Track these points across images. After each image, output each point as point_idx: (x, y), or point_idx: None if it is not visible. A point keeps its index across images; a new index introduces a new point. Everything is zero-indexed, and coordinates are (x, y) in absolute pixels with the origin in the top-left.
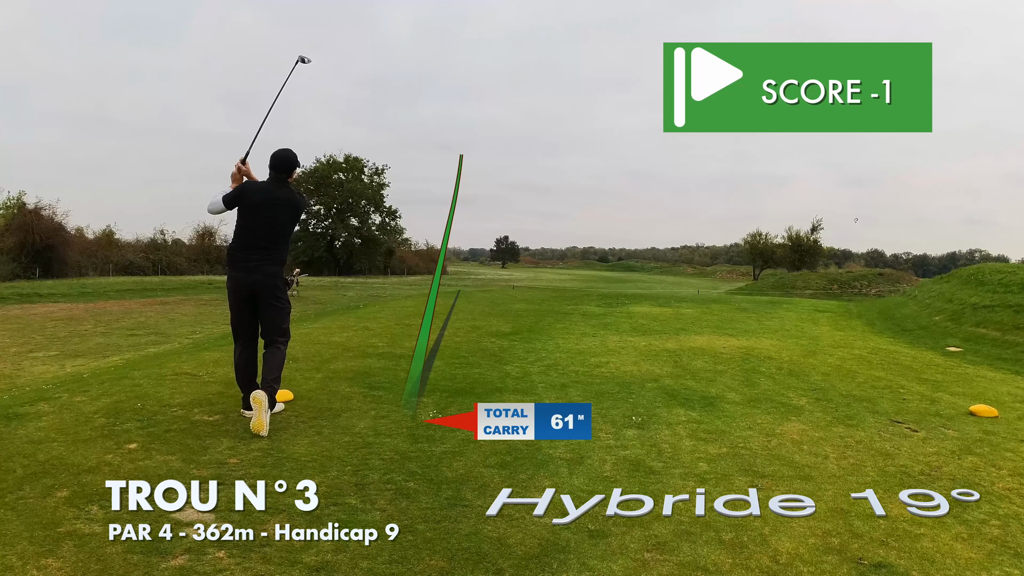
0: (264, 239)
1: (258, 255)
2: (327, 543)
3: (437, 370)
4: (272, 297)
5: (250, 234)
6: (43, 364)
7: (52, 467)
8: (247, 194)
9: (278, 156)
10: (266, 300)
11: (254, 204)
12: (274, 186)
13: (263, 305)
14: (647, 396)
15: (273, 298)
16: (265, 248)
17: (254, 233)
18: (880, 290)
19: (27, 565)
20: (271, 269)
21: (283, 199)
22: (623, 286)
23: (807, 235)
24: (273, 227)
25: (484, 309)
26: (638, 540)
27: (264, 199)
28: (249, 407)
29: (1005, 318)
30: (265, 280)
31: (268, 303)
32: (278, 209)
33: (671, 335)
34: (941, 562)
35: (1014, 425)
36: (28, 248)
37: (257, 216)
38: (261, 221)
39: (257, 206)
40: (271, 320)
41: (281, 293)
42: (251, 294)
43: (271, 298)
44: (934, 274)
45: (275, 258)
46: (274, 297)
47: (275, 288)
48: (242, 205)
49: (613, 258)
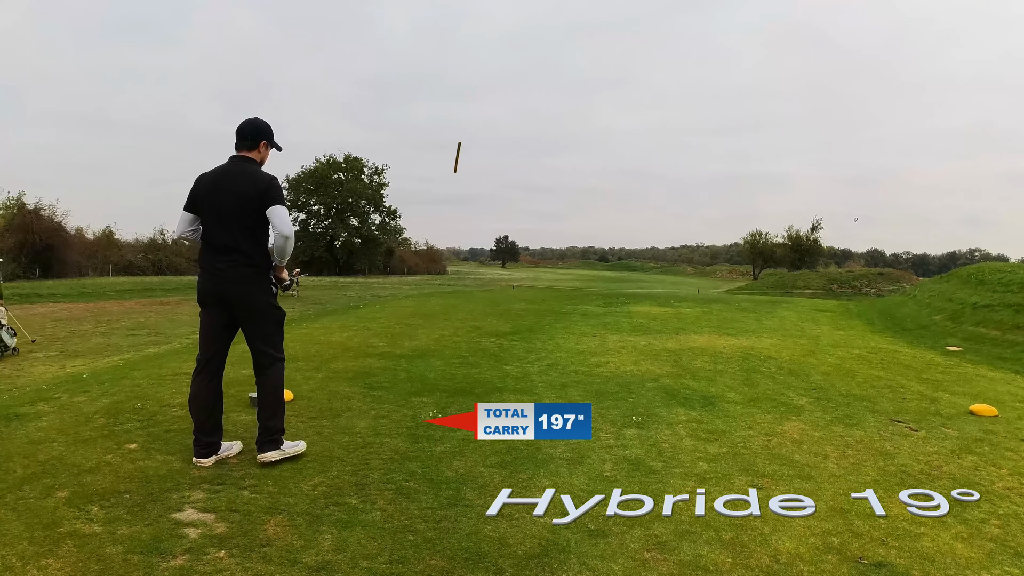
0: (221, 236)
1: (223, 257)
2: (327, 543)
3: (437, 370)
4: (246, 308)
5: (206, 231)
6: (43, 364)
7: (52, 467)
8: (196, 184)
9: (240, 124)
10: (241, 312)
11: (200, 194)
12: (225, 166)
13: (239, 319)
14: (647, 396)
15: (247, 309)
16: (226, 247)
17: (209, 230)
18: (880, 289)
19: (27, 565)
20: (241, 273)
21: (232, 178)
22: (623, 286)
23: (807, 234)
24: (222, 217)
25: (484, 309)
26: (638, 540)
27: (208, 183)
28: (202, 454)
29: (1005, 317)
30: (236, 286)
31: (244, 315)
32: (222, 194)
33: (671, 335)
34: (941, 561)
35: (1014, 424)
36: (28, 248)
37: (206, 208)
38: (208, 212)
39: (205, 195)
40: (250, 335)
41: (259, 300)
42: (220, 303)
43: (245, 310)
44: (934, 273)
45: (245, 259)
46: (249, 308)
47: (248, 295)
48: (197, 201)
49: (613, 258)
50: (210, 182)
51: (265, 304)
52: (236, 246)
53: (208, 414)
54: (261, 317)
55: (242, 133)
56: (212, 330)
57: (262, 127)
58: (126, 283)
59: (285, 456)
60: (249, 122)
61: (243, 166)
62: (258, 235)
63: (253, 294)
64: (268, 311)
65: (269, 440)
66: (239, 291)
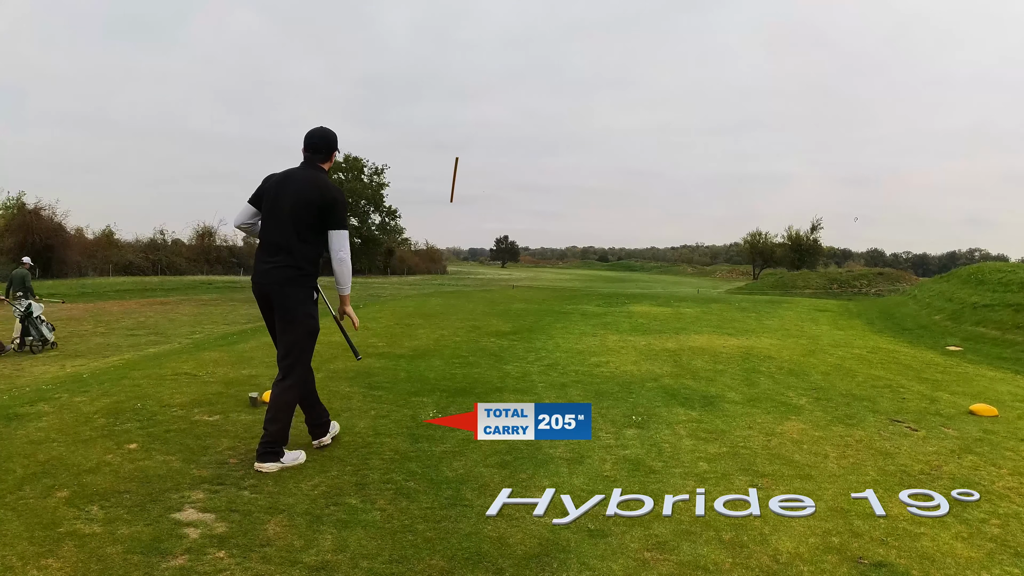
0: (274, 234)
1: (271, 257)
2: (327, 543)
3: (437, 370)
4: (282, 309)
5: (263, 228)
6: (43, 364)
7: (52, 467)
8: (264, 181)
9: (309, 132)
10: (278, 312)
11: (265, 190)
12: (295, 169)
13: (276, 318)
14: (647, 395)
15: (283, 310)
16: (277, 246)
17: (265, 227)
18: (880, 289)
19: (27, 565)
20: (284, 274)
21: (298, 182)
22: (623, 286)
23: (807, 234)
24: (279, 217)
25: (484, 309)
26: (638, 540)
27: (276, 182)
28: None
29: (1005, 317)
30: (277, 287)
31: (280, 316)
32: (286, 195)
33: (671, 334)
34: (941, 561)
35: (1014, 424)
36: (28, 248)
37: (267, 205)
38: (269, 209)
39: (267, 193)
40: (281, 336)
41: (296, 304)
42: (264, 301)
43: (281, 310)
44: (934, 273)
45: (292, 261)
46: (284, 309)
47: (286, 297)
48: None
49: (613, 258)
50: (278, 181)
51: (302, 311)
52: (286, 247)
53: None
54: (295, 322)
55: (315, 146)
56: (271, 326)
57: (332, 139)
58: (126, 283)
59: (283, 468)
60: (321, 135)
61: (314, 173)
62: (311, 240)
63: (291, 296)
64: (303, 319)
65: (270, 451)
66: (279, 292)
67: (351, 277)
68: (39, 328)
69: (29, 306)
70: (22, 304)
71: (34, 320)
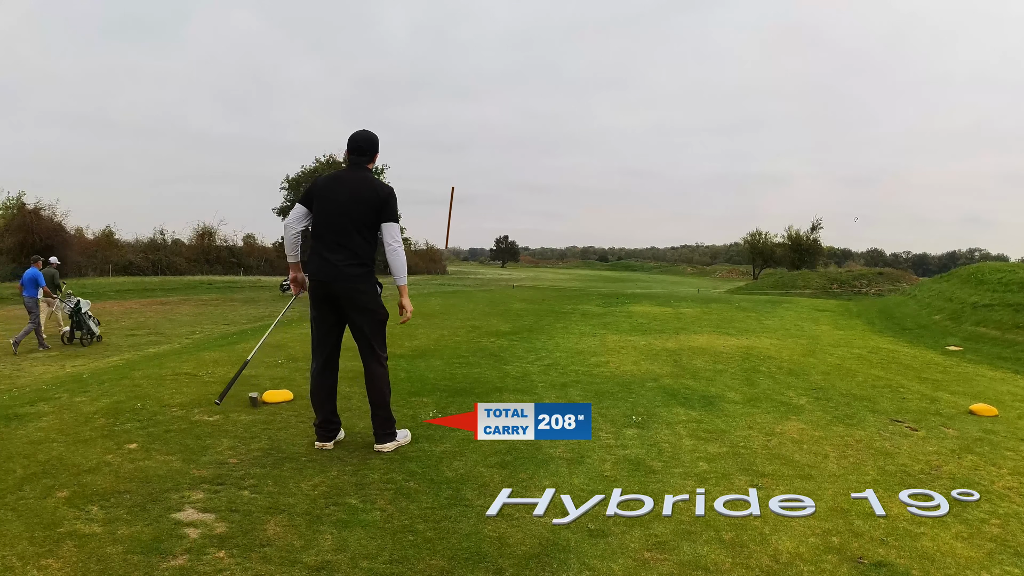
0: (334, 234)
1: (334, 255)
2: (327, 543)
3: (437, 370)
4: (356, 305)
5: (319, 228)
6: (43, 364)
7: (52, 467)
8: (314, 183)
9: (353, 136)
10: (351, 308)
11: (318, 193)
12: (344, 172)
13: (347, 316)
14: (647, 395)
15: (357, 306)
16: (338, 245)
17: (320, 227)
18: (880, 289)
19: (27, 565)
20: (353, 271)
21: (351, 183)
22: (623, 285)
23: (807, 234)
24: (337, 217)
25: (484, 309)
26: (638, 540)
27: (327, 185)
28: (324, 438)
29: (1005, 317)
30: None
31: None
32: (341, 196)
33: (671, 334)
34: (941, 561)
35: (1014, 424)
36: (28, 248)
37: (322, 206)
38: (324, 211)
39: (322, 193)
40: (357, 331)
41: (368, 298)
42: (330, 300)
43: (354, 306)
44: (934, 273)
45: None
46: (358, 305)
47: (358, 293)
48: (312, 197)
49: (613, 257)
50: (329, 183)
51: (374, 304)
52: (349, 244)
53: (323, 401)
54: (368, 315)
55: (359, 149)
56: (324, 328)
57: (375, 142)
58: (126, 283)
59: (398, 446)
60: (364, 137)
61: (363, 174)
62: (369, 238)
63: (364, 292)
64: (376, 310)
65: (386, 433)
66: (351, 289)
67: (406, 267)
68: (87, 323)
69: (78, 303)
70: (71, 301)
71: (83, 316)
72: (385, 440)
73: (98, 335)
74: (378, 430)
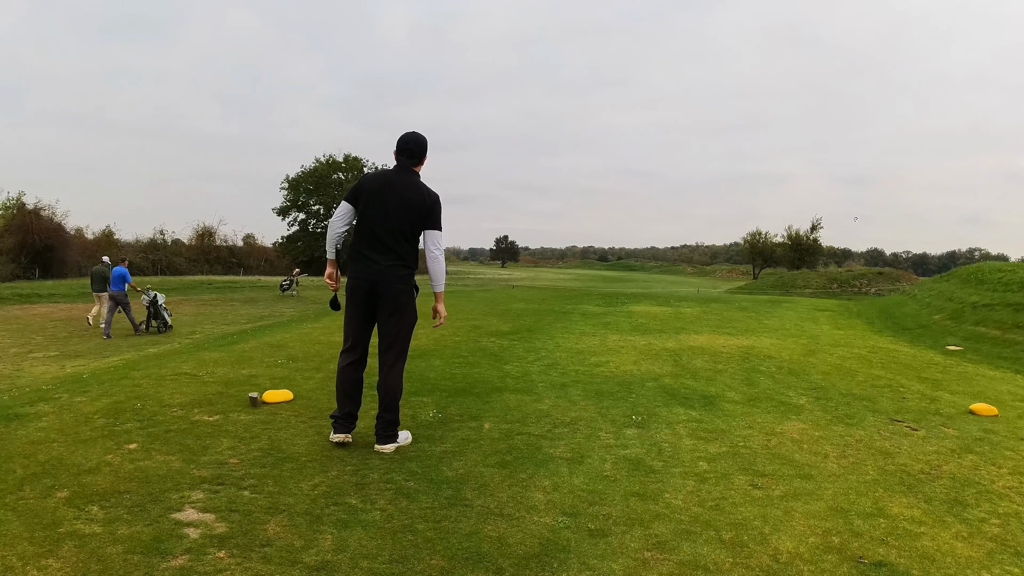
0: (381, 234)
1: (381, 256)
2: (327, 543)
3: (437, 370)
4: (394, 304)
5: (367, 228)
6: (43, 364)
7: (52, 467)
8: (360, 181)
9: (403, 137)
10: (388, 307)
11: (365, 191)
12: (392, 173)
13: (383, 314)
14: (647, 395)
15: (395, 305)
16: (385, 246)
17: (367, 226)
18: (880, 289)
19: (27, 566)
20: (397, 273)
21: (400, 187)
22: (623, 285)
23: (807, 234)
24: (384, 219)
25: (484, 309)
26: (638, 539)
27: (375, 187)
28: (342, 429)
29: (1005, 317)
30: (390, 285)
31: (390, 310)
32: (389, 197)
33: (671, 334)
34: (941, 561)
35: (1014, 424)
36: (28, 249)
37: (369, 207)
38: (372, 211)
39: (370, 194)
40: (388, 331)
41: (407, 300)
42: (371, 297)
43: (392, 305)
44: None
45: (400, 260)
46: (396, 305)
47: (399, 294)
48: (360, 196)
49: (613, 257)
50: (377, 182)
51: (410, 306)
52: (395, 247)
53: (349, 394)
54: (404, 316)
55: (408, 151)
56: (358, 324)
57: (425, 145)
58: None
59: (399, 447)
60: (414, 139)
61: (411, 177)
62: (413, 242)
63: (403, 293)
64: (411, 312)
65: (387, 434)
66: (392, 289)
67: (445, 275)
68: (163, 315)
69: (155, 296)
70: (149, 294)
71: (159, 308)
72: (386, 441)
73: (170, 325)
74: (381, 431)
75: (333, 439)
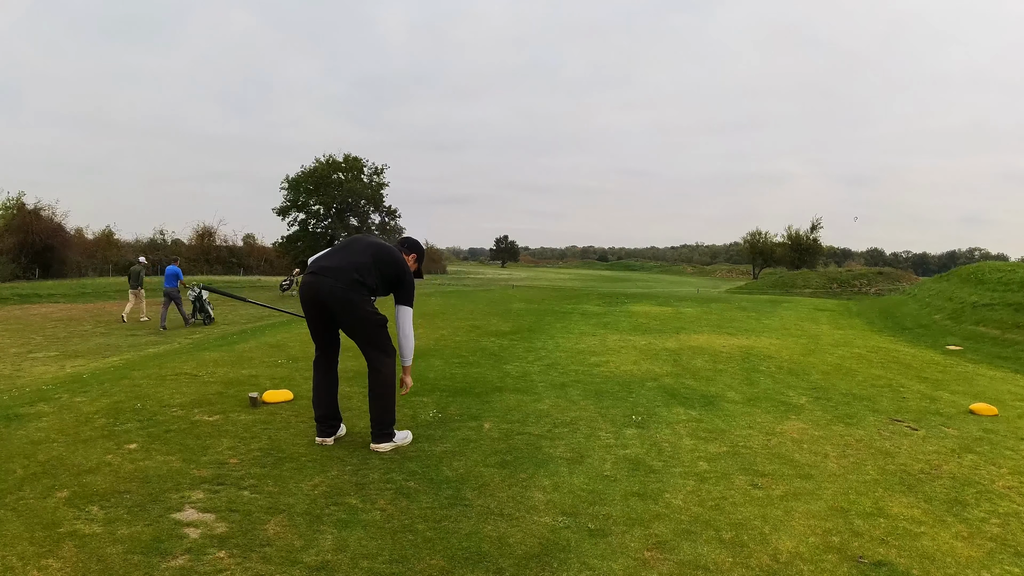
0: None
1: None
2: (327, 543)
3: (437, 370)
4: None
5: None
6: (43, 364)
7: (52, 467)
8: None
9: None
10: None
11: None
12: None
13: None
14: (647, 395)
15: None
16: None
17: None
18: (880, 289)
19: (27, 566)
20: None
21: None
22: (623, 285)
23: (806, 234)
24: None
25: (484, 309)
26: (638, 539)
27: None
28: (324, 433)
29: (1005, 316)
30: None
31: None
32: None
33: (671, 334)
34: (941, 560)
35: (1014, 423)
36: (28, 249)
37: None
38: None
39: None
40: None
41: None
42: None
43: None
44: (934, 273)
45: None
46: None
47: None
48: None
49: (612, 257)
50: (364, 237)
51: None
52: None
53: (322, 399)
54: (363, 324)
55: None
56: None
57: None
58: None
59: (395, 447)
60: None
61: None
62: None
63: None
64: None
65: (382, 433)
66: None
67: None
68: (207, 309)
69: (200, 292)
70: (195, 290)
71: (204, 303)
72: (380, 440)
73: (213, 317)
74: (373, 428)
75: (317, 442)
